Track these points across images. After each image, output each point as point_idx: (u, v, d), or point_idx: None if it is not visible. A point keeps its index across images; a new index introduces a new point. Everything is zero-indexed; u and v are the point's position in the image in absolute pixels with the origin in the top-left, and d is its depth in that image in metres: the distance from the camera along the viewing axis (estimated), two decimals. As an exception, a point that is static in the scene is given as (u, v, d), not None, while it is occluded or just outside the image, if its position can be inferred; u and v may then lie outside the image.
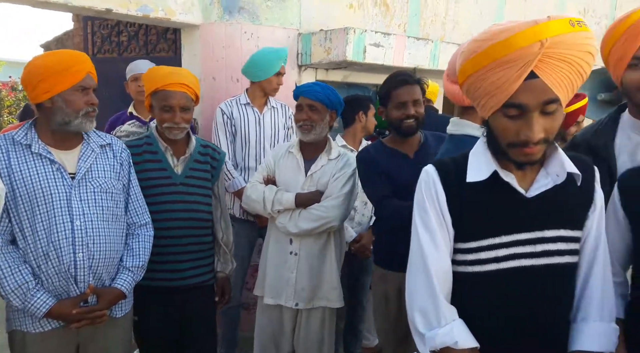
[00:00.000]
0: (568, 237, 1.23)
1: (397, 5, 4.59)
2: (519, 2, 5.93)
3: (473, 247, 1.23)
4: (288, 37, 3.84)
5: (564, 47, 1.07)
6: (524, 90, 1.08)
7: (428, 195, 1.25)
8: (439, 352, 1.22)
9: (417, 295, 1.25)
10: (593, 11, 7.30)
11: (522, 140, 1.12)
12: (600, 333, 1.24)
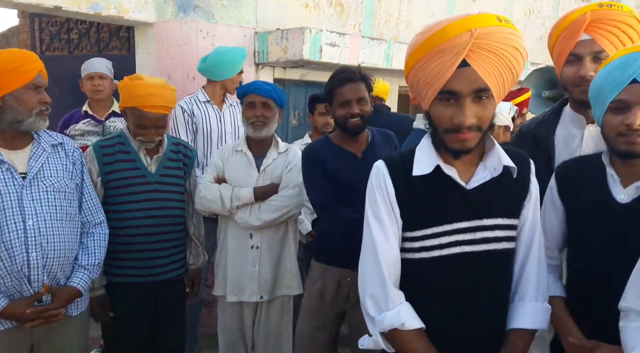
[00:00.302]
0: (505, 225, 1.31)
1: (352, 5, 4.69)
2: (468, 3, 6.16)
3: (419, 235, 1.30)
4: (244, 36, 3.86)
5: (491, 39, 1.16)
6: (457, 78, 1.17)
7: (378, 188, 1.32)
8: (387, 333, 1.29)
9: (368, 281, 1.32)
10: (538, 12, 7.65)
11: (456, 125, 1.20)
12: (535, 312, 1.34)
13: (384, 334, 1.30)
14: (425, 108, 1.28)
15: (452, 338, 1.30)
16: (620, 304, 1.28)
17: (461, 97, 1.18)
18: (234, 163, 2.51)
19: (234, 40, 3.75)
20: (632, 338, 1.21)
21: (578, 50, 1.65)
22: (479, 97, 1.19)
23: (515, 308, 1.35)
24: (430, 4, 5.58)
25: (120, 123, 3.40)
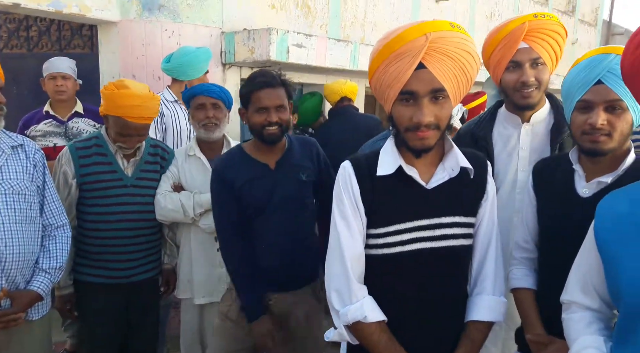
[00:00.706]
0: (462, 223, 1.38)
1: (319, 6, 4.73)
2: (432, 6, 6.30)
3: (382, 232, 1.36)
4: (211, 36, 3.84)
5: (444, 43, 1.24)
6: (414, 79, 1.25)
7: (344, 187, 1.38)
8: (351, 326, 1.35)
9: (334, 276, 1.38)
10: (499, 15, 7.89)
11: (415, 123, 1.27)
12: (492, 306, 1.40)
13: (348, 327, 1.36)
14: (388, 110, 1.35)
15: (413, 330, 1.36)
16: (562, 297, 1.36)
17: (419, 96, 1.26)
18: (189, 168, 2.45)
19: (200, 40, 3.73)
20: (574, 329, 1.28)
21: (518, 58, 1.74)
22: (435, 97, 1.27)
23: (474, 301, 1.42)
24: (395, 7, 5.68)
25: (84, 124, 3.34)
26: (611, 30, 12.89)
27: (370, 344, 1.34)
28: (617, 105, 1.38)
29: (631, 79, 1.10)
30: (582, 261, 1.29)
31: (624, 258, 1.11)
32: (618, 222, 1.16)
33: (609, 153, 1.42)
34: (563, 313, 1.35)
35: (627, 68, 1.09)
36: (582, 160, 1.50)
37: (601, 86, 1.38)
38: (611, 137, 1.39)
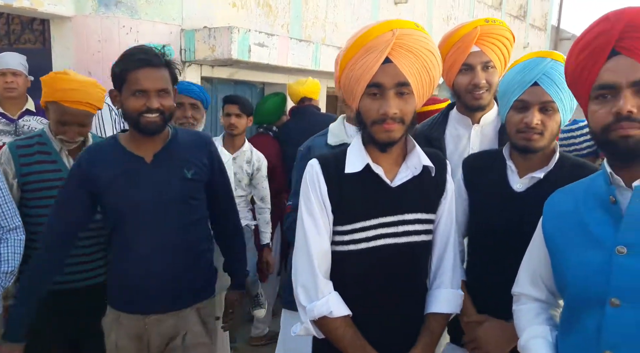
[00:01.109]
0: (424, 220, 1.42)
1: (280, 6, 4.73)
2: (391, 8, 6.42)
3: (348, 229, 1.38)
4: (170, 33, 3.78)
5: (409, 40, 1.31)
6: (381, 72, 1.30)
7: (312, 185, 1.39)
8: (317, 321, 1.37)
9: (300, 272, 1.40)
10: (455, 19, 8.12)
11: (382, 115, 1.31)
12: (450, 298, 1.46)
13: (314, 322, 1.38)
14: (356, 107, 1.38)
15: (377, 323, 1.40)
16: (513, 290, 1.43)
17: (385, 89, 1.31)
18: None
19: (159, 37, 3.66)
20: (524, 319, 1.35)
21: (470, 61, 1.81)
22: (400, 92, 1.32)
23: (433, 294, 1.47)
24: (355, 8, 5.75)
25: (35, 122, 3.21)
26: (559, 35, 13.49)
27: (335, 338, 1.37)
28: (550, 107, 1.46)
29: (574, 81, 1.16)
30: (532, 255, 1.36)
31: (569, 253, 1.18)
32: (563, 219, 1.23)
33: (540, 150, 1.50)
34: (514, 305, 1.42)
35: (571, 71, 1.15)
36: (515, 156, 1.57)
37: (537, 88, 1.46)
38: (543, 135, 1.47)
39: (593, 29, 1.09)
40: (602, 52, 1.05)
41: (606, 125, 1.05)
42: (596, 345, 1.08)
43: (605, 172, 1.14)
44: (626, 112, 1.01)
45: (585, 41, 1.09)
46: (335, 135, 1.87)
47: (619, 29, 1.03)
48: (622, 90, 1.03)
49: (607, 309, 1.07)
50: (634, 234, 1.06)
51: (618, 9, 1.07)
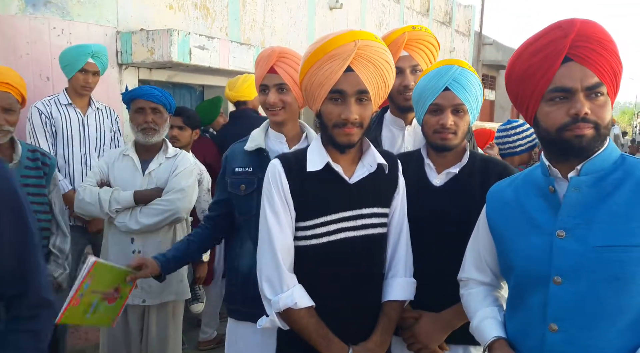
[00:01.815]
0: (380, 213, 1.53)
1: (217, 9, 4.69)
2: (326, 13, 6.55)
3: (310, 224, 1.47)
4: (105, 35, 3.65)
5: (370, 51, 1.41)
6: (344, 80, 1.39)
7: (274, 183, 1.47)
8: (282, 312, 1.44)
9: (265, 267, 1.46)
10: (387, 24, 8.41)
11: (343, 120, 1.41)
12: (405, 286, 1.57)
13: (279, 314, 1.45)
14: (317, 109, 1.47)
15: (338, 313, 1.48)
16: (459, 275, 1.55)
17: (347, 95, 1.41)
18: (119, 167, 2.43)
19: (94, 39, 3.53)
20: (474, 302, 1.46)
21: (400, 64, 1.91)
22: (360, 99, 1.42)
23: (389, 283, 1.57)
24: (292, 13, 5.82)
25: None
26: (482, 40, 14.31)
27: (300, 328, 1.44)
28: (461, 109, 1.62)
29: (522, 82, 1.25)
30: (476, 243, 1.48)
31: (514, 238, 1.30)
32: (506, 208, 1.36)
33: (455, 148, 1.65)
34: (461, 290, 1.53)
35: (520, 72, 1.25)
36: (432, 155, 1.71)
37: (449, 92, 1.60)
38: (456, 134, 1.62)
39: (546, 35, 1.19)
40: (557, 57, 1.16)
41: (562, 125, 1.16)
42: (542, 319, 1.20)
43: (544, 165, 1.27)
44: (583, 113, 1.13)
45: (538, 46, 1.20)
46: (253, 139, 1.87)
47: (571, 38, 1.15)
48: (577, 94, 1.15)
49: (550, 287, 1.19)
50: (571, 220, 1.19)
51: (568, 19, 1.19)
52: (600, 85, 1.15)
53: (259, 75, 1.85)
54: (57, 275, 2.33)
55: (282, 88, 1.80)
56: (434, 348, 1.63)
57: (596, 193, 1.18)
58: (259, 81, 1.87)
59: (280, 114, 1.84)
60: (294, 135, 1.90)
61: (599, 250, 1.14)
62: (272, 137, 1.90)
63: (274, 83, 1.81)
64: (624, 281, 1.12)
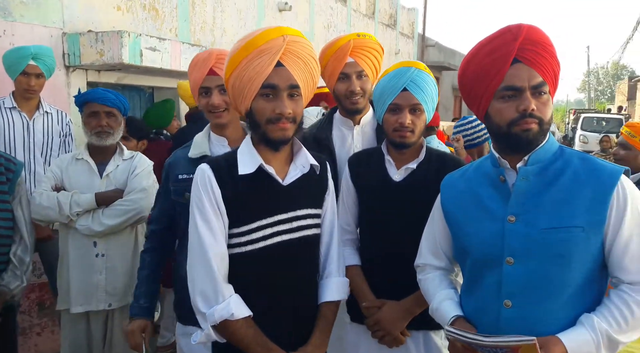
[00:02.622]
0: (313, 214, 1.51)
1: (167, 10, 4.64)
2: (275, 15, 6.60)
3: (245, 230, 1.41)
4: (51, 36, 3.54)
5: (298, 47, 1.40)
6: (275, 75, 1.37)
7: (204, 189, 1.39)
8: (218, 325, 1.36)
9: (198, 279, 1.38)
10: (335, 26, 8.55)
11: (277, 114, 1.38)
12: (339, 286, 1.57)
13: (215, 327, 1.37)
14: (247, 106, 1.42)
15: (277, 319, 1.44)
16: (416, 262, 1.63)
17: (280, 90, 1.38)
18: (74, 171, 2.39)
19: (39, 40, 3.41)
20: (432, 286, 1.56)
21: (346, 71, 2.01)
22: (291, 94, 1.40)
23: (324, 284, 1.57)
24: (242, 14, 5.82)
25: None
26: (425, 42, 14.79)
27: (237, 340, 1.38)
28: (418, 108, 1.72)
29: (476, 81, 1.35)
30: (432, 230, 1.58)
31: (468, 224, 1.42)
32: (459, 197, 1.47)
33: (413, 145, 1.75)
34: (419, 275, 1.62)
35: (474, 72, 1.35)
36: (391, 152, 1.80)
37: (406, 93, 1.70)
38: (414, 132, 1.72)
39: (497, 39, 1.31)
40: (507, 59, 1.28)
41: (512, 120, 1.28)
42: (497, 297, 1.32)
43: (494, 157, 1.39)
44: (530, 110, 1.25)
45: (490, 48, 1.31)
46: (197, 146, 1.84)
47: (520, 41, 1.27)
48: (525, 92, 1.27)
49: (504, 267, 1.31)
50: (520, 206, 1.32)
51: (516, 24, 1.31)
52: (544, 85, 1.28)
53: (198, 77, 1.81)
54: (13, 287, 2.19)
55: (224, 89, 1.76)
56: (397, 335, 1.72)
57: (541, 181, 1.31)
58: (197, 84, 1.81)
59: (224, 115, 1.82)
60: (237, 137, 1.85)
61: (545, 232, 1.27)
62: (215, 141, 1.87)
63: (216, 84, 1.79)
64: (567, 258, 1.26)
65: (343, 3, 8.90)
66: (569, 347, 1.21)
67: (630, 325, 1.23)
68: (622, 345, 1.25)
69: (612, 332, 1.22)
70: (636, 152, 2.94)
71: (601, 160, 1.34)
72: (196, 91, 1.85)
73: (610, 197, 1.25)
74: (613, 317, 1.23)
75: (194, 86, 1.86)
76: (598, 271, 1.30)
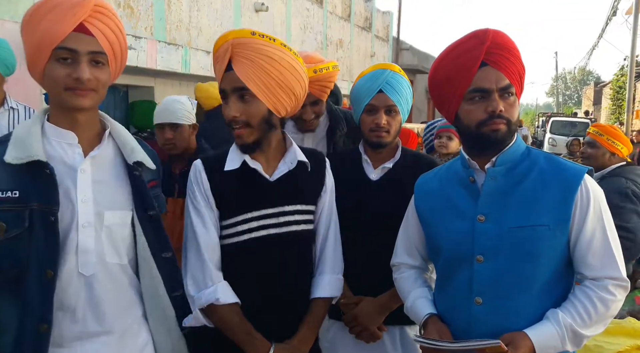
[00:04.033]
0: (303, 210, 1.54)
1: (142, 8, 4.59)
2: (252, 15, 6.60)
3: (232, 222, 1.49)
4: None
5: (245, 48, 1.39)
6: (224, 79, 1.42)
7: (196, 183, 1.49)
8: (206, 308, 1.43)
9: (190, 264, 1.47)
10: (311, 28, 8.60)
11: (230, 120, 1.43)
12: (332, 283, 1.59)
13: (203, 310, 1.44)
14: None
15: (263, 309, 1.49)
16: (392, 261, 1.67)
17: (227, 95, 1.43)
18: None
19: (10, 36, 3.30)
20: (407, 284, 1.60)
21: None
22: (241, 95, 1.41)
23: (317, 280, 1.60)
24: (218, 13, 5.80)
25: None
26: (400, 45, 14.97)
27: (223, 325, 1.45)
28: (393, 109, 1.76)
29: (446, 83, 1.39)
30: (406, 230, 1.63)
31: (440, 223, 1.46)
32: (431, 197, 1.52)
33: (388, 145, 1.79)
34: (394, 274, 1.66)
35: (444, 74, 1.40)
36: (368, 151, 1.84)
37: (382, 94, 1.74)
38: (389, 133, 1.76)
39: (464, 43, 1.36)
40: (475, 62, 1.33)
41: (481, 121, 1.33)
42: (468, 294, 1.37)
43: (463, 158, 1.44)
44: (498, 111, 1.30)
45: (458, 52, 1.36)
46: (20, 146, 1.25)
47: (486, 46, 1.32)
48: (492, 94, 1.32)
49: (475, 265, 1.36)
50: (489, 205, 1.37)
51: (482, 29, 1.36)
52: (510, 87, 1.34)
53: (54, 31, 1.20)
54: None
55: (97, 60, 1.32)
56: (373, 330, 1.76)
57: (509, 181, 1.37)
58: (49, 41, 1.19)
59: (91, 95, 1.29)
60: (91, 136, 1.37)
61: (513, 231, 1.32)
62: (53, 137, 1.39)
63: (88, 50, 1.28)
64: (535, 256, 1.31)
65: (319, 5, 8.95)
66: (535, 341, 1.26)
67: (593, 319, 1.29)
68: (586, 339, 1.30)
69: (577, 326, 1.27)
70: (603, 150, 3.07)
71: (566, 161, 1.41)
72: (42, 51, 1.21)
73: (575, 196, 1.31)
74: (577, 311, 1.29)
75: (39, 42, 1.21)
76: (564, 267, 1.36)
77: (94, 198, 1.29)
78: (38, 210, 1.22)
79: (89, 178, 1.30)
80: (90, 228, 1.29)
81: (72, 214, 1.27)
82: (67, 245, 1.26)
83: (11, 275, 1.23)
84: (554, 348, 1.28)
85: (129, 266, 1.38)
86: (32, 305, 1.22)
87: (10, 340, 1.23)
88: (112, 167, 1.37)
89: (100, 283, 1.30)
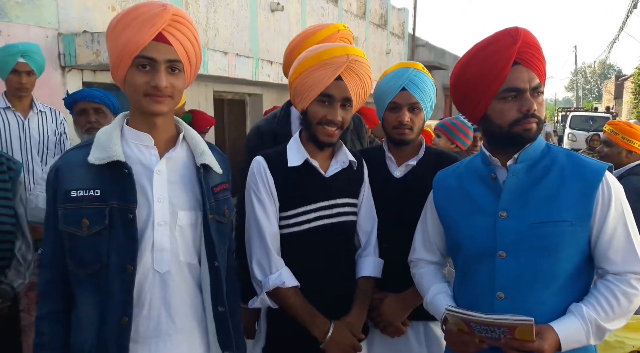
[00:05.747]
0: (351, 203, 1.73)
1: (161, 10, 4.66)
2: (268, 15, 6.64)
3: (292, 213, 1.65)
4: (46, 37, 3.56)
5: (359, 66, 1.61)
6: (334, 86, 1.59)
7: (259, 177, 1.64)
8: (271, 292, 1.61)
9: (254, 252, 1.64)
10: (327, 27, 8.61)
11: (328, 120, 1.60)
12: (376, 265, 1.76)
13: (269, 293, 1.61)
14: (304, 107, 1.64)
15: (320, 290, 1.65)
16: (410, 257, 1.72)
17: (334, 100, 1.60)
18: None
19: (34, 41, 3.42)
20: (426, 280, 1.63)
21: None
22: (344, 104, 1.62)
23: (362, 262, 1.76)
24: (235, 14, 5.86)
25: None
26: (415, 42, 14.89)
27: (287, 305, 1.61)
28: (416, 107, 1.79)
29: (476, 82, 1.39)
30: (424, 226, 1.66)
31: (460, 220, 1.48)
32: (451, 193, 1.53)
33: (411, 142, 1.83)
34: (413, 269, 1.70)
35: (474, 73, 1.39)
36: (392, 149, 1.88)
37: (405, 92, 1.78)
38: (413, 130, 1.79)
39: (496, 42, 1.36)
40: (508, 61, 1.33)
41: (514, 120, 1.34)
42: (490, 289, 1.38)
43: (484, 155, 1.45)
44: (532, 110, 1.32)
45: (489, 51, 1.36)
46: (102, 147, 1.30)
47: (519, 45, 1.32)
48: (525, 93, 1.33)
49: (496, 261, 1.37)
50: (511, 202, 1.38)
51: (513, 28, 1.37)
52: (540, 86, 1.35)
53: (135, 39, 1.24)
54: (16, 285, 2.22)
55: (173, 68, 1.31)
56: (398, 325, 1.79)
57: (530, 178, 1.38)
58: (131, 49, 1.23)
59: (167, 102, 1.30)
60: (167, 138, 1.41)
61: (535, 227, 1.33)
62: (132, 139, 1.39)
63: (166, 58, 1.28)
64: (556, 251, 1.32)
65: (334, 3, 8.96)
66: (561, 335, 1.27)
67: (616, 313, 1.30)
68: (608, 333, 1.31)
69: (600, 320, 1.28)
70: (619, 149, 3.05)
71: (586, 157, 1.41)
72: (123, 59, 1.26)
73: (596, 193, 1.31)
74: (601, 306, 1.30)
75: (121, 50, 1.26)
76: (585, 263, 1.37)
77: (169, 198, 1.34)
78: (117, 208, 1.27)
79: (164, 179, 1.34)
80: (165, 226, 1.33)
81: (148, 213, 1.31)
82: (144, 243, 1.30)
83: (93, 270, 1.29)
84: (579, 342, 1.29)
85: (199, 266, 1.40)
86: (114, 299, 1.27)
87: (91, 335, 1.28)
88: (185, 169, 1.40)
89: (173, 281, 1.34)
